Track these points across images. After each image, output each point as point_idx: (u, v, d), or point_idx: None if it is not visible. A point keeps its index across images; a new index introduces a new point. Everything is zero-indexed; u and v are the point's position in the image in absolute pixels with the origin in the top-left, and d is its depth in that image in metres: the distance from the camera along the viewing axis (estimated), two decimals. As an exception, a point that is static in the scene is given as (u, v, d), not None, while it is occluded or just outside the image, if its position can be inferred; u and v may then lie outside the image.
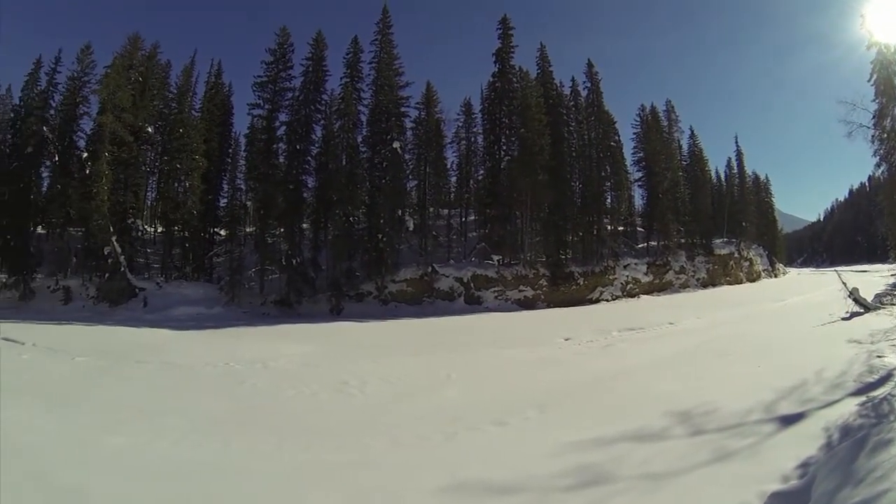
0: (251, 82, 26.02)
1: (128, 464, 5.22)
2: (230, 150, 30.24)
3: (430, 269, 25.56)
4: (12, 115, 31.58)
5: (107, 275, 25.83)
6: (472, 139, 31.16)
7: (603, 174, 33.38)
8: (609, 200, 34.05)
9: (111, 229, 25.46)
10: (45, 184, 30.21)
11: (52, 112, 29.65)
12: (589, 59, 34.68)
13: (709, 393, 7.33)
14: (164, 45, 38.58)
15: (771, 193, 54.45)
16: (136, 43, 28.45)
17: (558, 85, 33.34)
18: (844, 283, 18.77)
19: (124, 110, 25.90)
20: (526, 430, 6.11)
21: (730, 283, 38.63)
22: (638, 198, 38.72)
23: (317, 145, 25.92)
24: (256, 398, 8.18)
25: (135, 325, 19.49)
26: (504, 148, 29.08)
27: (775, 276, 48.14)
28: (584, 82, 34.20)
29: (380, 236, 24.27)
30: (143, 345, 14.37)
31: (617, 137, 35.17)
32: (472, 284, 26.59)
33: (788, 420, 5.95)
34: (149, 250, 27.74)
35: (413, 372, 10.00)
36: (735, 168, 48.32)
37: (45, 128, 28.97)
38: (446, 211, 30.52)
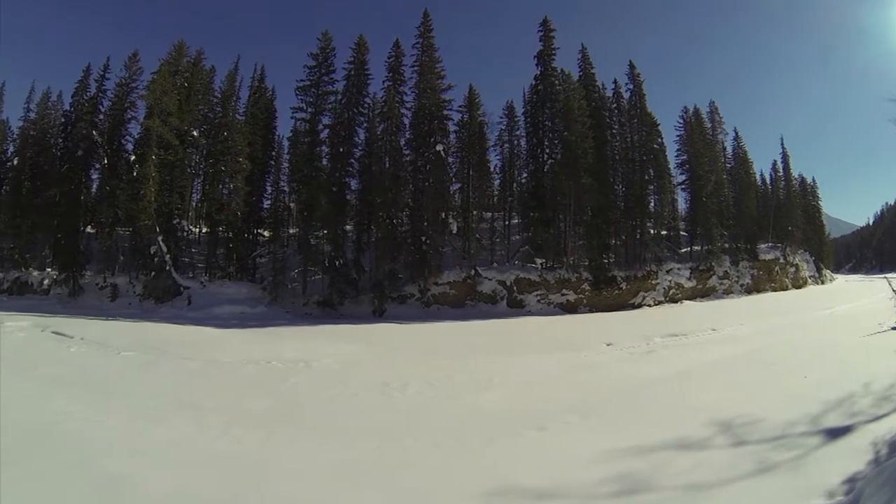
0: (294, 86, 26.30)
1: (172, 455, 5.35)
2: (273, 153, 30.54)
3: (472, 272, 25.18)
4: (63, 120, 32.72)
5: (153, 273, 26.34)
6: (515, 142, 30.82)
7: (646, 177, 32.53)
8: (652, 204, 33.16)
9: (157, 229, 25.97)
10: (95, 185, 31.30)
11: (101, 117, 30.60)
12: (630, 61, 33.99)
13: (752, 403, 7.13)
14: (208, 52, 39.42)
15: (818, 197, 52.30)
16: (181, 50, 29.02)
17: (600, 87, 32.72)
18: (895, 291, 17.78)
19: (170, 115, 26.39)
20: (567, 435, 6.01)
21: (775, 290, 37.19)
22: (681, 201, 37.65)
23: (360, 148, 25.96)
24: (298, 396, 8.21)
25: (179, 323, 19.93)
26: (547, 151, 28.60)
27: (822, 283, 46.18)
28: (627, 84, 33.48)
29: (423, 238, 24.04)
30: (187, 341, 14.74)
31: (660, 140, 34.18)
32: (514, 288, 26.10)
33: (834, 433, 5.75)
34: (193, 250, 28.17)
35: (455, 375, 9.83)
36: (781, 170, 46.58)
37: (94, 132, 29.86)
38: (490, 214, 30.16)
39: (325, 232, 24.19)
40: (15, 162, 34.33)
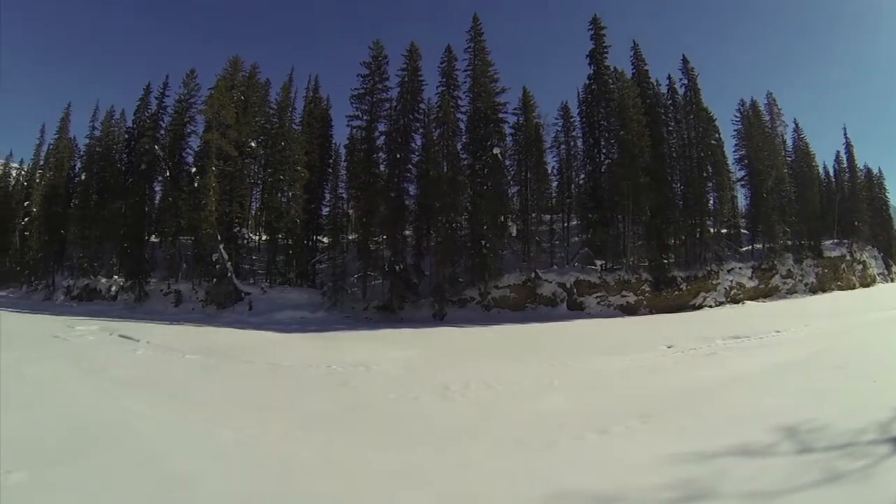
0: (348, 95, 26.58)
1: (234, 455, 5.41)
2: (331, 161, 31.00)
3: (532, 275, 24.79)
4: (126, 136, 34.22)
5: (214, 279, 27.08)
6: (572, 143, 30.34)
7: (704, 174, 31.35)
8: (711, 202, 31.99)
9: (219, 237, 26.62)
10: (158, 197, 32.47)
11: (162, 132, 31.78)
12: (683, 55, 32.87)
13: (818, 408, 6.73)
14: (262, 65, 40.48)
15: (885, 189, 48.96)
16: (236, 65, 29.79)
17: (654, 83, 31.79)
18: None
19: (228, 127, 27.07)
20: (627, 439, 5.83)
21: (841, 289, 35.23)
22: (741, 198, 36.19)
23: (417, 153, 25.99)
24: (359, 400, 8.15)
25: (241, 327, 20.26)
26: (604, 151, 27.99)
27: (892, 281, 43.51)
28: (681, 79, 32.39)
29: (482, 242, 23.81)
30: (249, 345, 14.80)
31: (717, 135, 33.01)
32: (574, 290, 25.58)
33: (906, 442, 5.34)
34: (254, 257, 28.81)
35: (515, 378, 9.62)
36: (844, 162, 43.99)
37: (156, 146, 31.01)
38: (548, 216, 29.72)
39: (385, 237, 24.31)
40: (83, 177, 36.17)
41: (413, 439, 5.92)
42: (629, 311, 26.16)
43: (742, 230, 34.85)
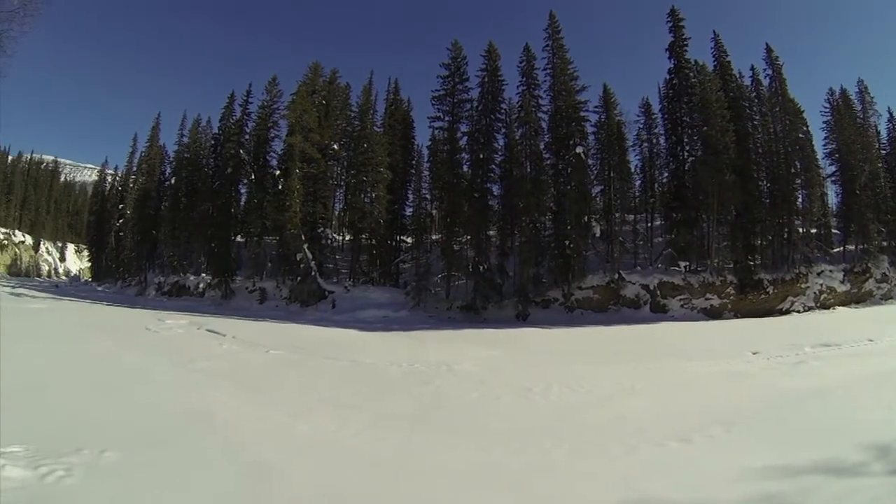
0: (429, 96, 26.98)
1: (313, 448, 5.52)
2: (413, 162, 31.67)
3: (616, 276, 24.42)
4: (213, 142, 36.18)
5: (299, 278, 28.12)
6: (654, 140, 29.49)
7: (792, 171, 29.70)
8: (800, 200, 30.23)
9: (303, 238, 27.65)
10: (243, 199, 34.14)
11: (246, 137, 33.35)
12: (767, 44, 31.21)
13: None
14: (342, 70, 41.69)
15: None
16: (316, 70, 30.86)
17: (737, 75, 30.45)
18: None
19: (311, 131, 28.06)
20: (709, 449, 5.59)
21: (943, 294, 32.50)
22: (832, 195, 34.08)
23: (500, 153, 26.06)
24: (440, 398, 8.14)
25: (324, 325, 20.82)
26: (687, 148, 27.10)
27: None
28: (765, 69, 30.82)
29: (566, 242, 23.65)
30: (332, 343, 15.15)
31: (805, 128, 31.13)
32: (658, 292, 24.99)
33: None
34: (337, 257, 29.76)
35: (597, 380, 9.42)
36: (946, 154, 40.58)
37: (241, 151, 32.59)
38: (632, 216, 29.16)
39: (468, 237, 24.54)
40: (172, 181, 38.64)
41: (493, 439, 5.90)
42: (713, 314, 25.33)
43: (833, 230, 32.82)
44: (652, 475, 4.78)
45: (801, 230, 29.66)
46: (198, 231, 34.03)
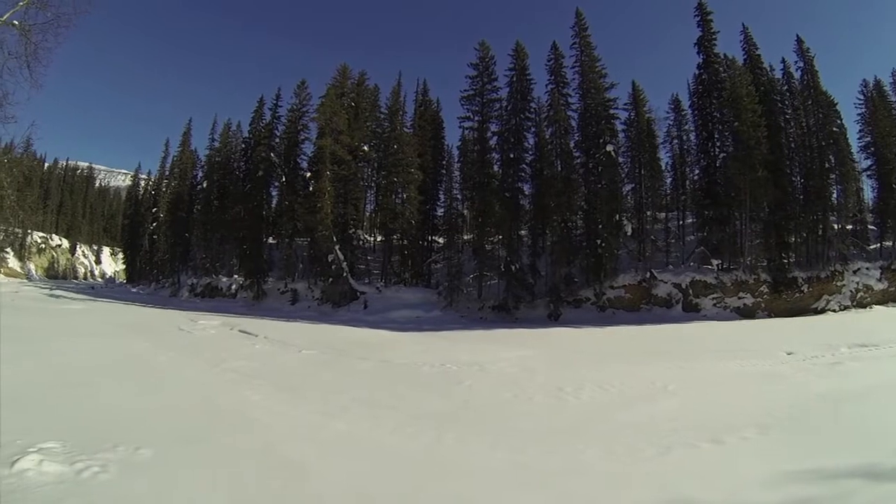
0: (458, 97, 27.19)
1: (346, 447, 5.51)
2: (444, 162, 31.95)
3: (648, 275, 24.33)
4: (243, 146, 36.94)
5: (330, 279, 28.50)
6: (685, 137, 29.24)
7: (826, 165, 29.05)
8: (834, 195, 29.60)
9: (334, 239, 28.00)
10: (275, 201, 34.74)
11: (277, 140, 33.91)
12: (798, 35, 30.61)
13: None
14: (370, 72, 42.06)
15: None
16: (344, 73, 31.25)
17: (768, 68, 29.95)
18: None
19: (341, 133, 28.43)
20: (743, 451, 5.43)
21: None
22: (868, 190, 33.24)
23: (530, 153, 26.19)
24: (472, 398, 8.05)
25: (355, 325, 20.93)
26: (718, 144, 26.84)
27: None
28: (796, 62, 30.24)
29: (598, 241, 23.67)
30: (364, 343, 15.16)
31: (839, 122, 30.47)
32: (690, 291, 24.80)
33: None
34: (369, 257, 30.15)
35: (630, 380, 9.28)
36: None
37: (272, 154, 33.18)
38: (663, 214, 28.99)
39: (500, 237, 24.69)
40: (204, 185, 39.59)
41: (525, 440, 5.86)
42: (746, 313, 24.98)
43: (869, 226, 32.02)
44: (686, 477, 4.74)
45: (836, 226, 29.08)
46: (230, 233, 34.76)
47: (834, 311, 25.83)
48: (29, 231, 49.82)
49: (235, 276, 34.58)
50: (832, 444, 5.69)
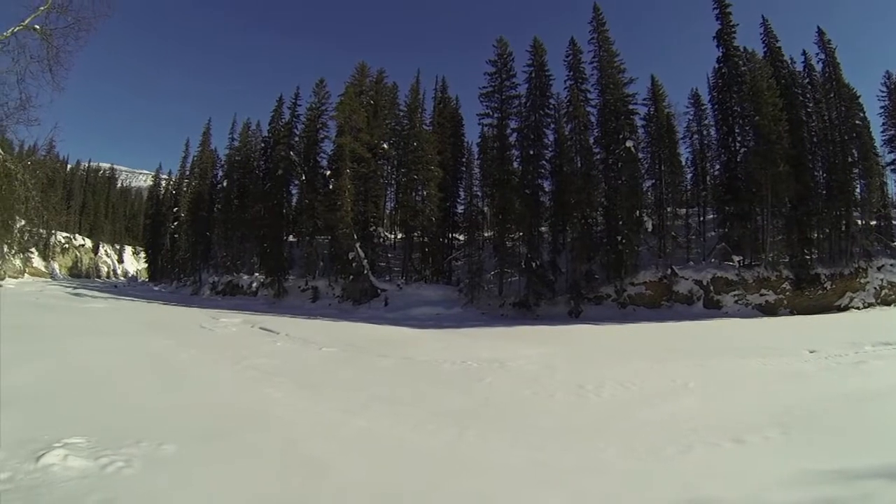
0: (476, 94, 27.26)
1: (367, 444, 5.51)
2: (464, 159, 32.09)
3: (668, 272, 24.28)
4: (263, 145, 37.41)
5: (351, 277, 28.73)
6: (705, 132, 29.06)
7: (849, 160, 28.73)
8: (858, 190, 29.17)
9: (355, 236, 28.26)
10: (295, 199, 35.13)
11: (296, 139, 34.24)
12: (819, 27, 30.13)
13: None
14: (388, 70, 42.26)
15: None
16: (363, 71, 31.48)
17: (789, 61, 29.63)
18: None
19: (360, 130, 28.67)
20: (765, 451, 5.34)
21: None
22: (892, 185, 32.79)
23: (550, 149, 26.23)
24: (493, 395, 8.03)
25: (376, 322, 21.07)
26: (738, 139, 26.66)
27: None
28: (817, 54, 29.86)
29: (618, 238, 23.67)
30: (384, 340, 15.23)
31: (862, 115, 30.03)
32: (711, 287, 24.69)
33: None
34: (389, 255, 30.39)
35: (650, 378, 9.26)
36: None
37: (291, 153, 33.55)
38: (684, 210, 28.87)
39: (521, 234, 24.79)
40: (224, 184, 40.17)
41: (545, 437, 5.86)
42: (768, 311, 24.74)
43: (894, 221, 31.55)
44: (707, 476, 4.71)
45: (859, 222, 28.70)
46: (250, 231, 35.24)
47: (858, 308, 25.51)
48: (53, 231, 50.82)
49: (256, 274, 35.03)
50: (855, 444, 5.63)
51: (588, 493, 4.36)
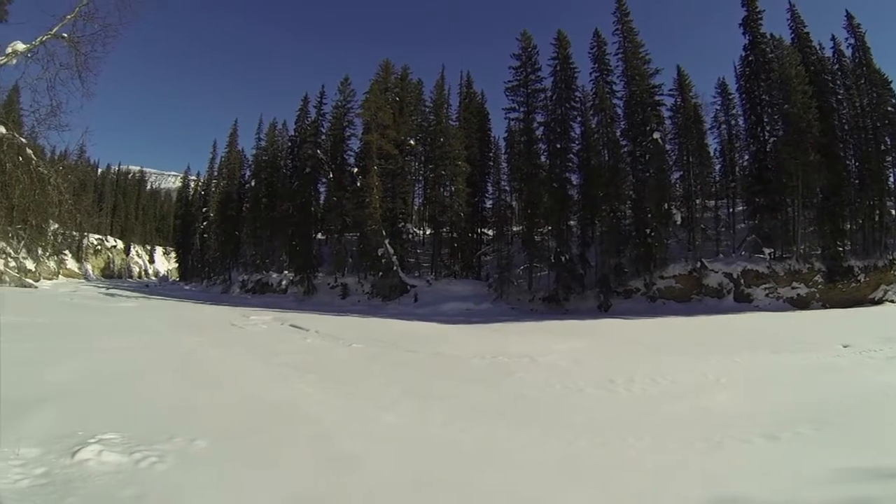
0: (502, 88, 27.45)
1: (398, 439, 5.55)
2: (491, 154, 32.34)
3: (698, 265, 24.23)
4: (290, 144, 38.07)
5: (380, 273, 29.14)
6: (733, 122, 28.75)
7: (882, 148, 28.13)
8: (892, 179, 28.56)
9: (384, 233, 28.64)
10: (323, 197, 35.71)
11: (322, 137, 34.78)
12: (847, 11, 29.41)
13: None
14: (413, 66, 42.54)
15: None
16: (387, 68, 31.82)
17: (817, 47, 29.10)
18: None
19: (387, 127, 29.01)
20: (797, 447, 5.27)
21: None
22: (927, 172, 31.91)
23: (577, 142, 26.31)
24: (523, 390, 8.05)
25: (406, 318, 21.25)
26: (767, 128, 26.33)
27: None
28: (847, 39, 29.22)
29: (647, 231, 23.68)
30: (414, 336, 15.34)
31: (895, 101, 29.42)
32: (741, 280, 24.53)
33: None
34: (419, 251, 30.78)
35: (681, 373, 9.21)
36: None
37: (318, 151, 34.12)
38: (713, 202, 28.71)
39: (549, 228, 24.94)
40: (252, 183, 40.98)
41: (576, 432, 5.84)
42: (800, 304, 24.40)
43: (930, 210, 30.86)
44: (738, 473, 4.67)
45: (893, 212, 28.18)
46: (279, 230, 35.84)
47: (892, 301, 24.96)
48: (85, 233, 52.20)
49: (285, 271, 35.60)
50: (891, 441, 5.60)
51: (618, 488, 4.35)
